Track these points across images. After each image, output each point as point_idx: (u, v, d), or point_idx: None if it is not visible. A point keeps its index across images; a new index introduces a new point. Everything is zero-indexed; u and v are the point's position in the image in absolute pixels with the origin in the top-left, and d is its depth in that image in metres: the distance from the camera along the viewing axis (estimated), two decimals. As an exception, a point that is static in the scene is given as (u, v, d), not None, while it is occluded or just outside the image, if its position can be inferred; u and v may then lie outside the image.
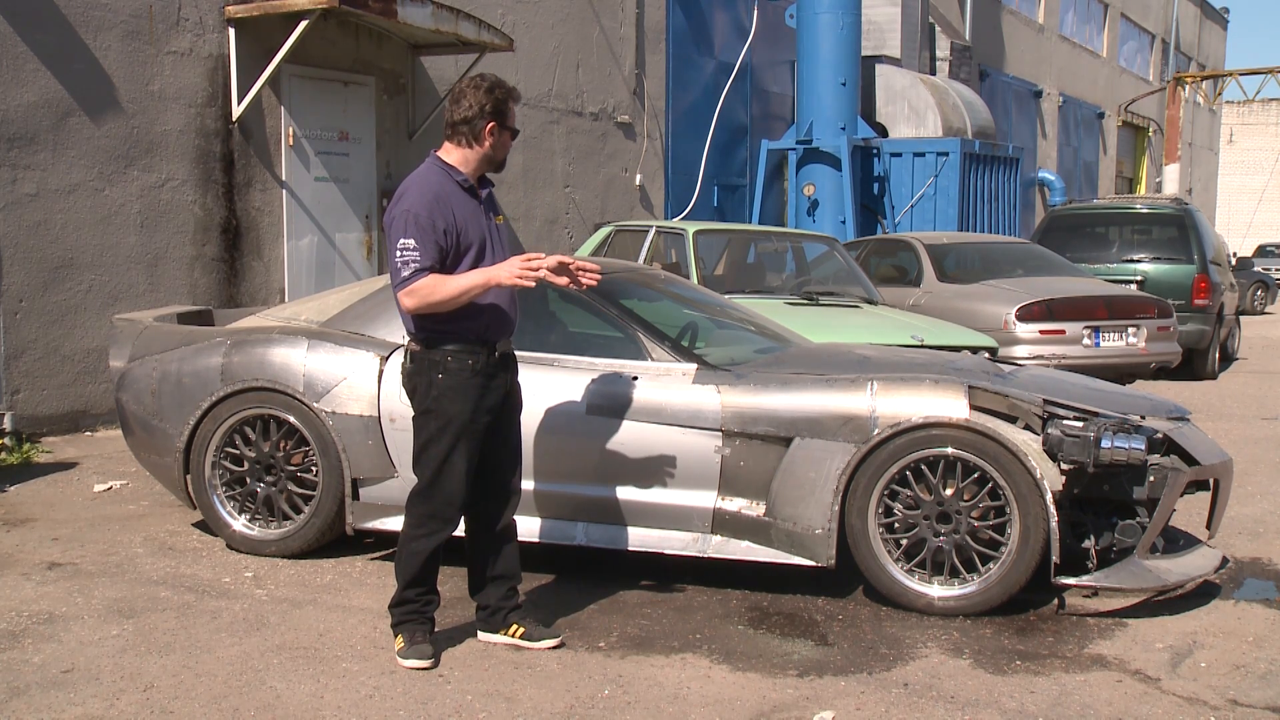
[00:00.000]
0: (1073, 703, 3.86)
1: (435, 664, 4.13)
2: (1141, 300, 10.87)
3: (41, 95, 8.07)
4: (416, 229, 3.96)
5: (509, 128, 4.18)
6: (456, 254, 4.05)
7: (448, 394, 4.06)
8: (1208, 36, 41.90)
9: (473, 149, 4.13)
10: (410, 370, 4.15)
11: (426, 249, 3.96)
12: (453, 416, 4.07)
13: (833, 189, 15.53)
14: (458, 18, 10.18)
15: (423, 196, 4.01)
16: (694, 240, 8.83)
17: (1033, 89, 26.19)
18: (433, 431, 4.09)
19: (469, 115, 4.10)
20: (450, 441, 4.08)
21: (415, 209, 3.98)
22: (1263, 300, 25.63)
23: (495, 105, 4.12)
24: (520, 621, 4.32)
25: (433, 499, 4.13)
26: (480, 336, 4.11)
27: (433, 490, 4.12)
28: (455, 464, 4.09)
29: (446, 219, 4.01)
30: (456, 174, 4.12)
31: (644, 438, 4.94)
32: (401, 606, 4.21)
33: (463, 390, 4.07)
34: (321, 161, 10.13)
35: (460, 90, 4.16)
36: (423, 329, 4.10)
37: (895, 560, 4.73)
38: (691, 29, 15.47)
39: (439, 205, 4.01)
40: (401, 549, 4.20)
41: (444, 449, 4.08)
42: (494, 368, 4.15)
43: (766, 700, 3.86)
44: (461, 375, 4.07)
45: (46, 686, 3.90)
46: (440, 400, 4.07)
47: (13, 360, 7.93)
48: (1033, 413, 4.69)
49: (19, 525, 5.95)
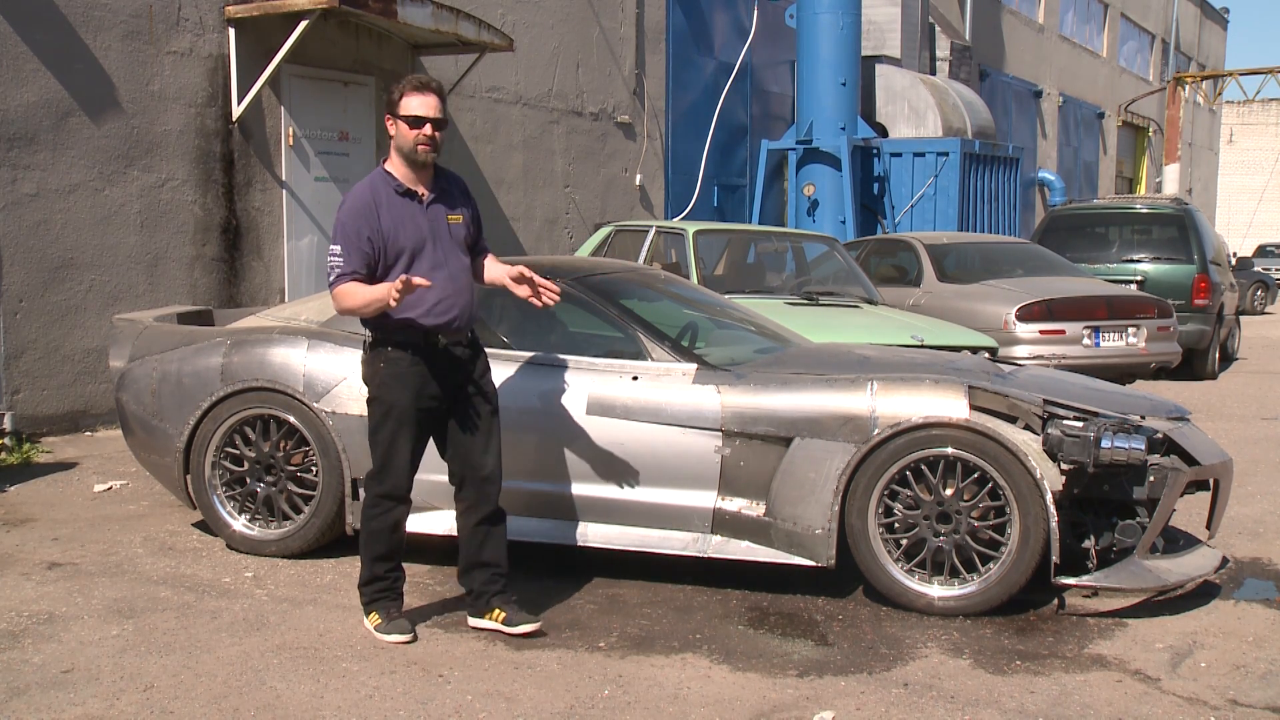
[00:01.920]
0: (1073, 703, 3.86)
1: (414, 638, 4.34)
2: (1141, 300, 10.87)
3: (41, 95, 8.07)
4: (343, 236, 4.23)
5: (400, 116, 4.25)
6: (386, 261, 4.26)
7: (389, 382, 4.33)
8: (1208, 36, 41.91)
9: (395, 150, 4.33)
10: (363, 360, 4.46)
11: (350, 256, 4.21)
12: (393, 403, 4.33)
13: (833, 189, 15.53)
14: (458, 18, 10.18)
15: (353, 205, 4.26)
16: (694, 240, 8.83)
17: (1033, 89, 26.19)
18: (378, 418, 4.37)
19: (387, 120, 4.32)
20: (393, 427, 4.34)
21: (344, 217, 4.26)
22: (1263, 300, 25.63)
23: (390, 101, 4.30)
24: (502, 606, 4.45)
25: (384, 480, 4.38)
26: (421, 330, 4.30)
27: (383, 472, 4.38)
28: (399, 447, 4.34)
29: (371, 227, 4.22)
30: (392, 180, 4.32)
31: (644, 438, 4.94)
32: (372, 584, 4.43)
33: (402, 379, 4.31)
34: (321, 161, 10.14)
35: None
36: (369, 324, 4.37)
37: (895, 560, 4.73)
38: (691, 29, 15.47)
39: (365, 214, 4.23)
40: (363, 531, 4.45)
41: (389, 433, 4.35)
42: (437, 359, 4.34)
43: (766, 700, 3.86)
44: (401, 365, 4.31)
45: (46, 686, 3.90)
46: (382, 388, 4.35)
47: (13, 360, 7.93)
48: (1033, 413, 4.69)
49: (19, 525, 5.95)
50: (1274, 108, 51.44)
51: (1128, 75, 33.72)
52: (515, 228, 12.60)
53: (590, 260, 6.92)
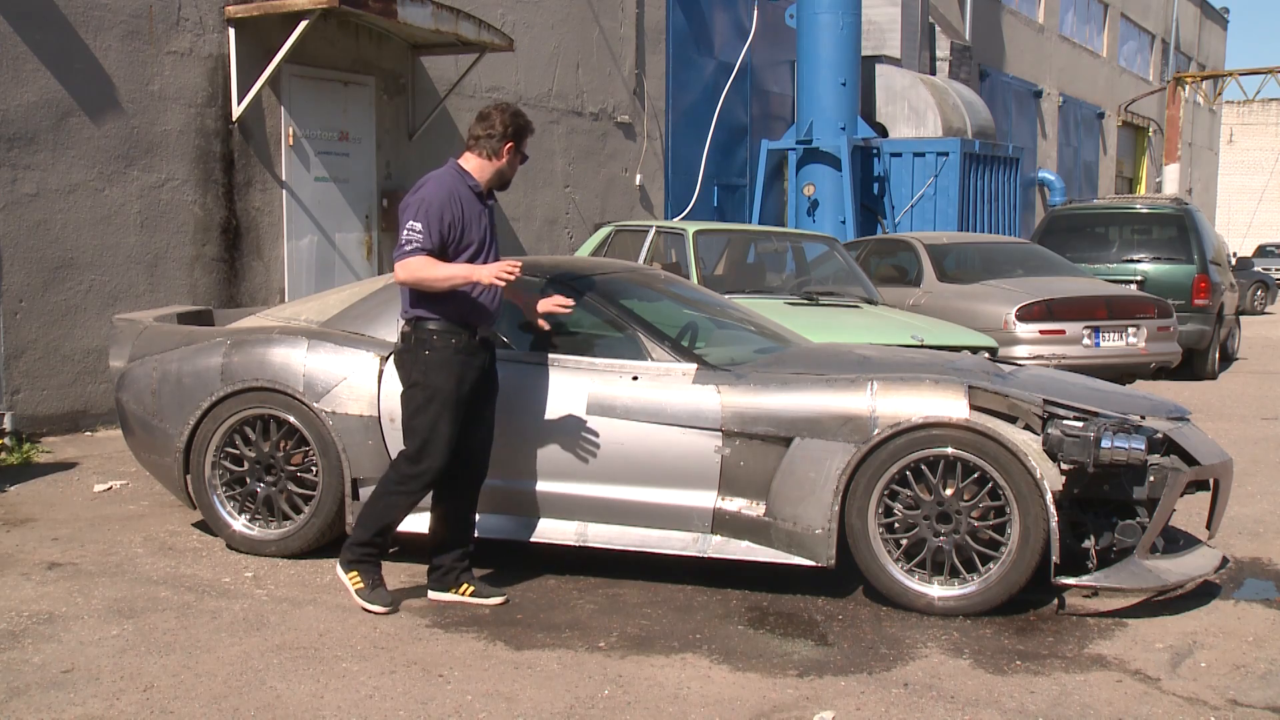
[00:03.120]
0: (1073, 703, 3.86)
1: (395, 609, 4.61)
2: (1141, 300, 10.87)
3: (41, 95, 8.07)
4: (425, 215, 4.52)
5: (523, 152, 4.77)
6: (458, 247, 4.59)
7: (434, 368, 4.57)
8: (1208, 36, 41.90)
9: (490, 162, 4.70)
10: (401, 349, 4.70)
11: (430, 233, 4.50)
12: (438, 388, 4.56)
13: (833, 189, 15.52)
14: (458, 18, 10.18)
15: (438, 190, 4.58)
16: (694, 240, 8.83)
17: (1033, 89, 26.19)
18: (420, 402, 4.59)
19: (493, 133, 4.68)
20: (437, 410, 4.56)
21: (429, 199, 4.55)
22: (1263, 300, 25.63)
23: (517, 129, 4.71)
24: (470, 581, 4.80)
25: (419, 462, 4.61)
26: (463, 320, 4.61)
27: (420, 455, 4.60)
28: (441, 431, 4.58)
29: (454, 214, 4.57)
30: (470, 180, 4.69)
31: (644, 438, 4.94)
32: (363, 546, 4.68)
33: (447, 365, 4.57)
34: (321, 161, 10.14)
35: (488, 111, 4.74)
36: (414, 312, 4.61)
37: (895, 560, 4.73)
38: (691, 29, 15.46)
39: (450, 201, 4.57)
40: (378, 500, 4.69)
41: (431, 417, 4.57)
42: (475, 349, 4.65)
43: (766, 700, 3.86)
44: (446, 352, 4.57)
45: (46, 686, 3.90)
46: (427, 373, 4.58)
47: (13, 360, 7.93)
48: (1033, 413, 4.69)
49: (19, 525, 5.95)
50: (1274, 108, 51.42)
51: (1128, 75, 33.72)
52: (515, 228, 12.60)
53: (590, 260, 6.92)
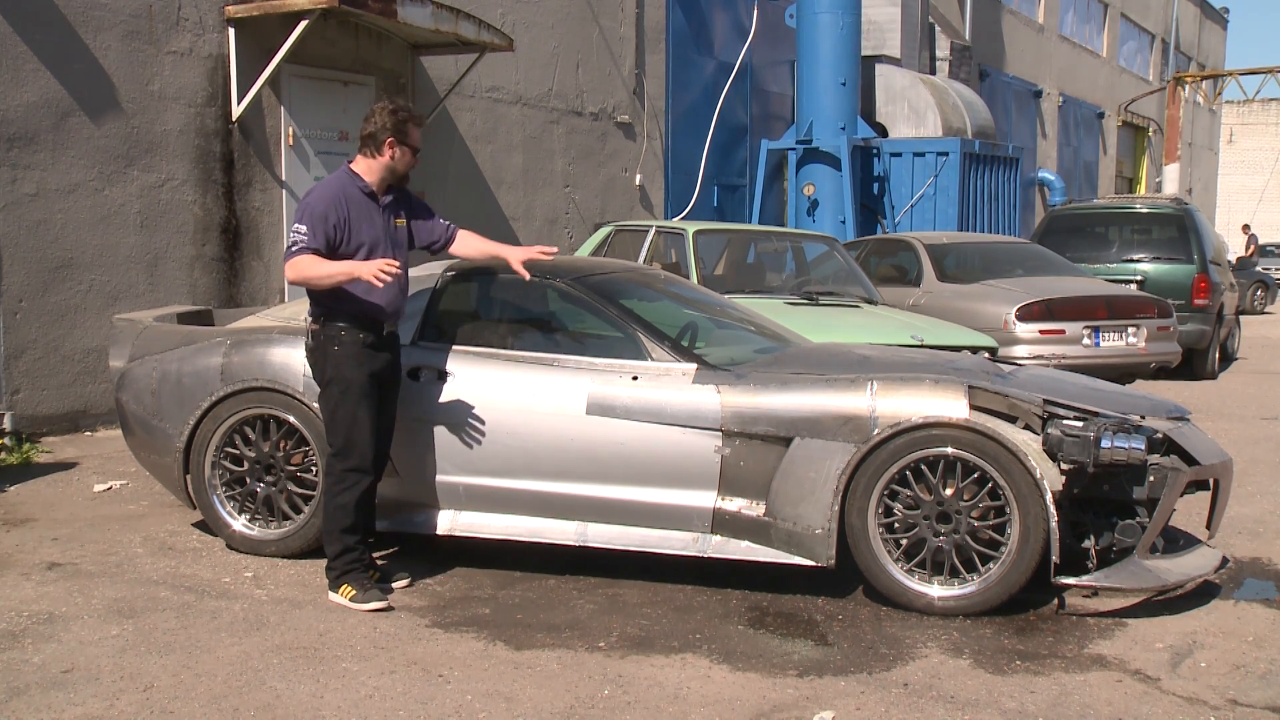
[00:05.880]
0: (1073, 703, 3.86)
1: (390, 606, 4.67)
2: (1141, 300, 10.86)
3: (41, 95, 8.07)
4: (310, 217, 4.66)
5: (408, 144, 4.82)
6: (347, 246, 4.72)
7: (344, 362, 4.74)
8: (1207, 36, 41.89)
9: (375, 160, 4.81)
10: (311, 347, 4.85)
11: (314, 234, 4.65)
12: (351, 380, 4.74)
13: (833, 189, 15.52)
14: (458, 18, 10.18)
15: (324, 193, 4.74)
16: (694, 240, 8.83)
17: (1033, 89, 26.18)
18: (337, 397, 4.75)
19: (373, 131, 4.78)
20: (354, 401, 4.73)
21: (313, 202, 4.70)
22: (1263, 300, 25.62)
23: (396, 125, 4.78)
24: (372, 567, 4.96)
25: (349, 456, 4.76)
26: (368, 315, 4.76)
27: (348, 448, 4.76)
28: (361, 421, 4.74)
29: (340, 214, 4.71)
30: (360, 181, 4.82)
31: (644, 438, 4.94)
32: (344, 556, 4.76)
33: (355, 358, 4.74)
34: (321, 161, 10.13)
35: (371, 110, 4.84)
36: (319, 310, 4.78)
37: (895, 560, 4.73)
38: (691, 29, 15.46)
39: (336, 203, 4.71)
40: (328, 508, 4.80)
41: (351, 409, 4.73)
42: (380, 343, 4.83)
43: (766, 700, 3.86)
44: (354, 346, 4.74)
45: (46, 686, 3.90)
46: (339, 367, 4.74)
47: (13, 360, 7.93)
48: (1033, 413, 4.69)
49: (19, 525, 5.95)
50: (1274, 108, 51.39)
51: (1128, 75, 33.71)
52: (515, 228, 12.60)
53: (590, 260, 6.92)
